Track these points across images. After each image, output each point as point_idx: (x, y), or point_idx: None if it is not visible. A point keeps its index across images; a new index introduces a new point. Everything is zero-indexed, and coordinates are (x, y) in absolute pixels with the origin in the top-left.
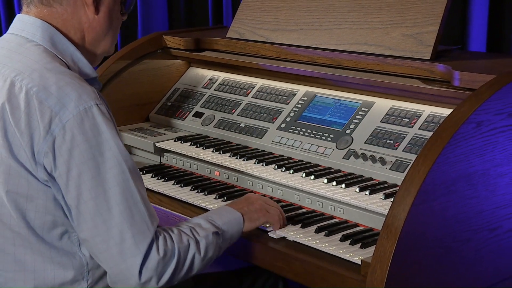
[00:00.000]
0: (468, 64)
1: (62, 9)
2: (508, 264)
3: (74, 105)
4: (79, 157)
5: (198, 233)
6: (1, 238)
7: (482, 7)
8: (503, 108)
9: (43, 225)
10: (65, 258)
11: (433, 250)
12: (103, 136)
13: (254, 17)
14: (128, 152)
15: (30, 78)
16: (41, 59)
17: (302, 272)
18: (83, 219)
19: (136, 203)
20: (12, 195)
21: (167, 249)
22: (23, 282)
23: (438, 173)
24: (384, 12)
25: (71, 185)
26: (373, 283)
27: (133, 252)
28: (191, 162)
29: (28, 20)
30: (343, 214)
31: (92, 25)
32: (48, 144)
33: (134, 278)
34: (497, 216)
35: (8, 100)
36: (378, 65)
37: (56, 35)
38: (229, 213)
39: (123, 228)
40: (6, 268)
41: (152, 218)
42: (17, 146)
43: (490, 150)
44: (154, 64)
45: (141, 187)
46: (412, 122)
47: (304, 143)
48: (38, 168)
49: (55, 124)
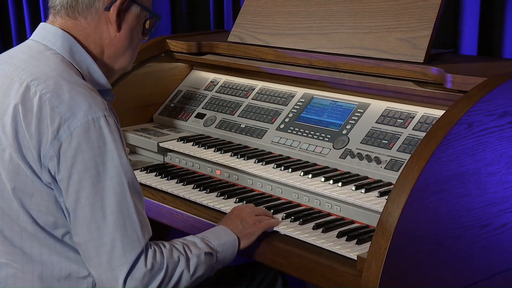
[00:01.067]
0: (460, 67)
1: (86, 23)
2: (498, 260)
3: (83, 114)
4: (81, 164)
5: (191, 251)
6: (9, 232)
7: (474, 13)
8: (493, 109)
9: (46, 224)
10: (71, 253)
11: (426, 246)
12: (107, 146)
13: (254, 22)
14: (131, 166)
15: (45, 84)
16: (57, 67)
17: (300, 267)
18: (78, 223)
19: (130, 215)
20: (18, 192)
21: (155, 262)
22: (30, 273)
23: (431, 172)
24: (379, 17)
25: (71, 190)
26: (368, 278)
27: (121, 261)
28: (193, 161)
29: (50, 29)
30: (340, 212)
31: (112, 42)
32: (54, 149)
33: (118, 287)
34: (488, 213)
35: (22, 103)
36: (373, 68)
37: (75, 46)
38: (226, 235)
39: (115, 237)
40: (15, 259)
41: (144, 230)
42: (26, 148)
43: (481, 150)
44: (158, 67)
45: (137, 200)
46: (406, 123)
47: (302, 143)
48: (43, 171)
49: (63, 130)
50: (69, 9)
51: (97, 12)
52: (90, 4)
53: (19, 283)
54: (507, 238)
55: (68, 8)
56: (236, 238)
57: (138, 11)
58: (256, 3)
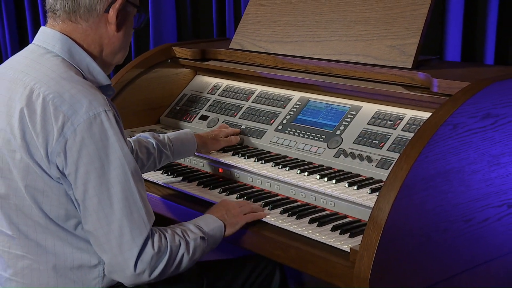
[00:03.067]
0: (445, 72)
1: (87, 26)
2: (481, 251)
3: (84, 111)
4: (87, 158)
5: (189, 235)
6: (24, 226)
7: (457, 23)
8: (477, 111)
9: (58, 216)
10: (82, 244)
11: (414, 239)
12: (110, 140)
13: (254, 30)
14: (132, 156)
15: (47, 86)
16: (58, 68)
17: (297, 258)
18: (88, 213)
19: (135, 202)
20: (30, 190)
21: (161, 245)
22: (45, 264)
23: (419, 170)
24: (370, 26)
25: (79, 182)
26: (360, 269)
27: (130, 245)
28: (197, 160)
29: (49, 32)
30: (334, 207)
31: (111, 40)
32: (61, 145)
33: (130, 269)
34: (471, 208)
35: (27, 105)
36: (365, 73)
37: (74, 47)
38: (214, 221)
39: (123, 223)
40: (30, 251)
41: (148, 215)
42: (34, 147)
43: (465, 149)
44: (164, 72)
45: (140, 188)
46: (396, 124)
47: (299, 143)
48: (51, 167)
49: (67, 127)
50: (71, 13)
51: (97, 15)
52: (91, 8)
53: (34, 274)
54: (489, 232)
55: (70, 12)
56: (223, 224)
57: (131, 10)
58: (255, 13)
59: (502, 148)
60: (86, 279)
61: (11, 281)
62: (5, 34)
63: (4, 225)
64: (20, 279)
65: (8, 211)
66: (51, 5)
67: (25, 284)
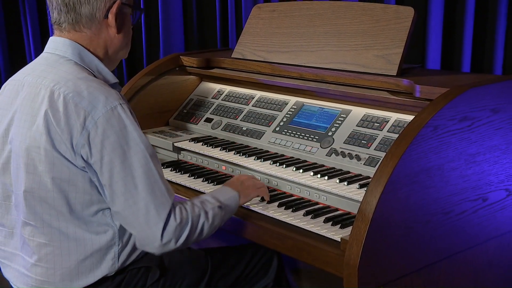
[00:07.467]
0: (427, 79)
1: (91, 33)
2: (459, 241)
3: (102, 105)
4: (109, 147)
5: (207, 205)
6: (48, 216)
7: (437, 34)
8: (455, 114)
9: (82, 203)
10: (100, 228)
11: (399, 229)
12: (127, 129)
13: (254, 41)
14: (148, 140)
15: (66, 86)
16: (73, 71)
17: (293, 247)
18: (115, 195)
19: (156, 181)
20: (57, 181)
21: (182, 217)
22: (67, 250)
23: (403, 167)
24: (359, 37)
25: (104, 169)
26: (350, 257)
27: (156, 220)
28: (202, 158)
29: (59, 40)
30: (326, 201)
31: (113, 41)
32: (84, 138)
33: (157, 241)
34: (450, 202)
35: (50, 106)
36: (354, 80)
37: (83, 51)
38: (229, 192)
39: (147, 201)
40: (53, 239)
41: (169, 192)
42: (58, 141)
43: (445, 149)
44: (173, 79)
45: (159, 168)
46: (382, 126)
47: (295, 143)
48: (77, 158)
49: (89, 121)
50: (75, 24)
51: (98, 22)
52: (91, 16)
53: (57, 259)
54: (466, 223)
55: (74, 23)
56: (237, 194)
57: (127, 10)
58: (255, 26)
59: (477, 148)
60: (104, 260)
61: (37, 266)
62: (30, 40)
63: (29, 217)
64: (44, 264)
65: (32, 203)
66: (56, 19)
67: (49, 268)
